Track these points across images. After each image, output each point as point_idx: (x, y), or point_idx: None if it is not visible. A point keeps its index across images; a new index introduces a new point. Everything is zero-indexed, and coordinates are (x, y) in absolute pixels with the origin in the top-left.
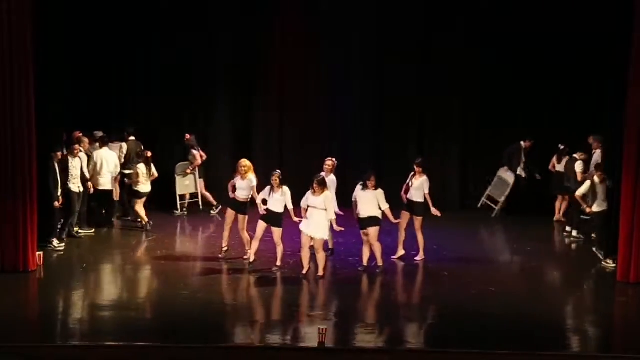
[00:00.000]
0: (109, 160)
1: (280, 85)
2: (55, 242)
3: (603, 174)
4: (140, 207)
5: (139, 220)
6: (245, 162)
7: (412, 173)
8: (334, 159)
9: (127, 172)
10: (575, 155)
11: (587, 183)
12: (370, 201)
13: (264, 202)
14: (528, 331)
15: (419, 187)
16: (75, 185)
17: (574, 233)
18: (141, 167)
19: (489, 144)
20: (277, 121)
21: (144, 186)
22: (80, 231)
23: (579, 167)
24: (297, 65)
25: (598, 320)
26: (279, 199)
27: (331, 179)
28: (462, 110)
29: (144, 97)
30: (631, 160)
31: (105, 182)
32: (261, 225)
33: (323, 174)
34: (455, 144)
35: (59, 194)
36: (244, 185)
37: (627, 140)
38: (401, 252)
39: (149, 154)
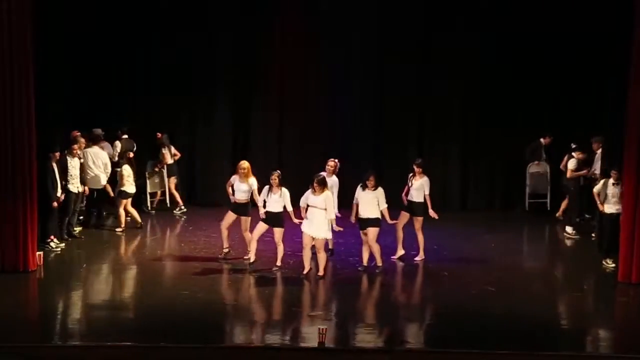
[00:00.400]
0: (95, 159)
1: (280, 85)
2: (54, 242)
3: (617, 173)
4: (122, 209)
5: (123, 219)
6: (245, 164)
7: (412, 174)
8: (336, 160)
9: (118, 169)
10: (573, 154)
11: (602, 181)
12: (370, 202)
13: (264, 204)
14: (528, 331)
15: (419, 188)
16: (74, 186)
17: (569, 230)
18: (126, 169)
19: (489, 144)
20: (277, 121)
21: (130, 187)
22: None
23: (571, 164)
24: (297, 65)
25: (598, 320)
26: (277, 200)
27: (333, 180)
28: (462, 110)
29: (144, 97)
30: (632, 161)
31: (93, 180)
32: (262, 226)
33: (324, 173)
34: (455, 144)
35: (59, 194)
36: (244, 187)
37: (628, 140)
38: (401, 251)
39: (131, 154)
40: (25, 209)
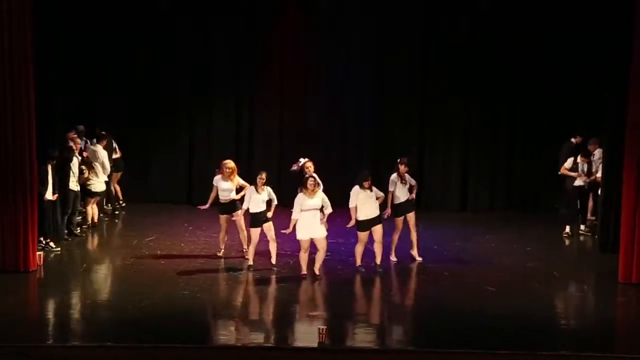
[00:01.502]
0: (93, 158)
1: (280, 85)
2: (52, 242)
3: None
4: (93, 206)
5: (88, 218)
6: (230, 164)
7: (396, 174)
8: (310, 161)
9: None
10: (579, 156)
11: None
12: (373, 201)
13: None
14: (528, 331)
15: (405, 188)
16: (74, 184)
17: (568, 230)
18: (86, 169)
19: (489, 144)
20: (277, 121)
21: (100, 185)
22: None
23: (568, 163)
24: (297, 65)
25: (598, 320)
26: (264, 199)
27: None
28: (462, 110)
29: (144, 97)
30: (633, 161)
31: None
32: (256, 232)
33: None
34: (455, 144)
35: (50, 194)
36: (228, 186)
37: (628, 139)
38: (393, 258)
39: (86, 154)
40: (25, 209)
